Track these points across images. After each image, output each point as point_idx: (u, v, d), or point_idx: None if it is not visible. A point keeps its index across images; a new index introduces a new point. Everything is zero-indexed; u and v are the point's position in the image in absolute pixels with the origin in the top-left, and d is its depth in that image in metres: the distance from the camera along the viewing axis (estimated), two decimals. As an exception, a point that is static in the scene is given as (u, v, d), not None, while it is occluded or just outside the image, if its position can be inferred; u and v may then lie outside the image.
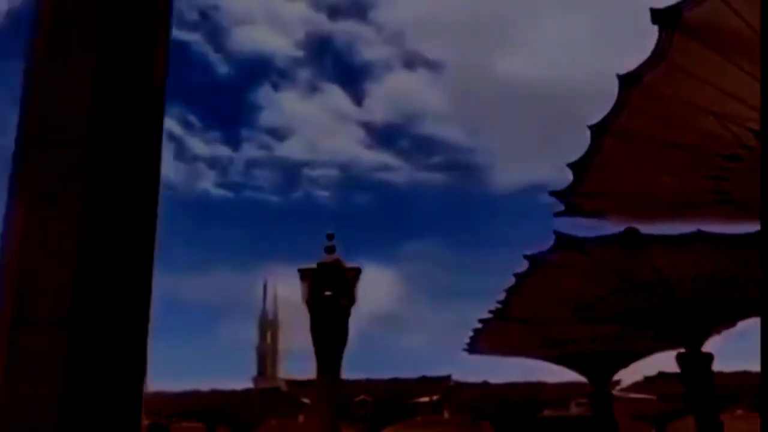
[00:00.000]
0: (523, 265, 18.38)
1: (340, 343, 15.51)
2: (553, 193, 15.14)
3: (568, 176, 14.41)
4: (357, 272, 16.03)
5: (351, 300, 15.73)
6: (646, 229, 16.32)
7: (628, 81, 11.42)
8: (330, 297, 15.05)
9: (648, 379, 33.78)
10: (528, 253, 17.57)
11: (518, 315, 21.58)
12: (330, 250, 16.22)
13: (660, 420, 40.71)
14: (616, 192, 15.41)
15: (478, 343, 27.04)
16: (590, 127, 12.86)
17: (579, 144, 13.34)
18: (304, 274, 15.49)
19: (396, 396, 32.66)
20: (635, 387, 34.67)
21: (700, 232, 16.10)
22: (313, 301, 15.34)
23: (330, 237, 16.34)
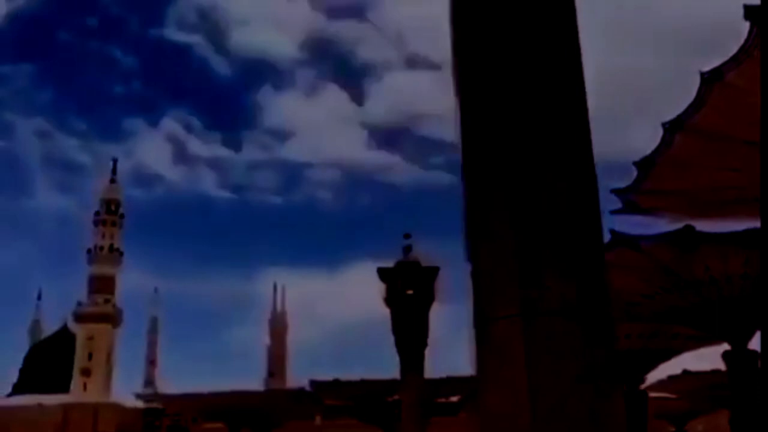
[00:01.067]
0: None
1: (422, 341, 15.45)
2: (615, 191, 15.13)
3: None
4: (435, 271, 16.03)
5: (430, 298, 15.71)
6: (702, 226, 16.30)
7: (710, 78, 11.43)
8: (411, 296, 15.00)
9: (672, 378, 33.81)
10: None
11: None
12: (407, 249, 16.22)
13: (682, 418, 40.80)
14: (676, 189, 15.40)
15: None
16: (663, 124, 12.87)
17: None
18: (383, 273, 15.45)
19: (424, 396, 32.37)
20: (659, 385, 34.67)
21: (753, 229, 16.11)
22: (393, 300, 15.28)
23: (407, 236, 16.39)
